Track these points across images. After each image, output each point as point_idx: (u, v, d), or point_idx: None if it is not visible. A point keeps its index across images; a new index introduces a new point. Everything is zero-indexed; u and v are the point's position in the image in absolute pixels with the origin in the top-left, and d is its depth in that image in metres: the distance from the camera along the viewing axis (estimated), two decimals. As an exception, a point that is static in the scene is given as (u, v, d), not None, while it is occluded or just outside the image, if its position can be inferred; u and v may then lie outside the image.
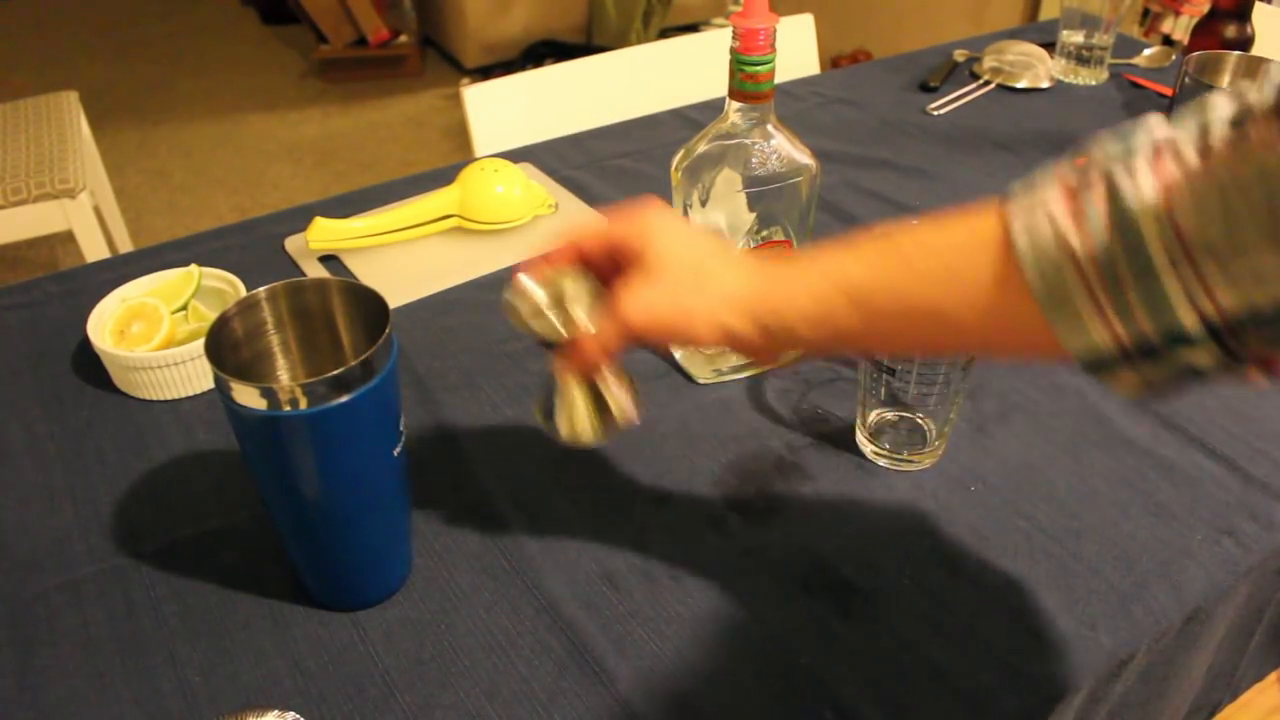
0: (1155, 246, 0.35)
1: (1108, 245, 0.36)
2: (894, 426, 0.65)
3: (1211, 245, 0.35)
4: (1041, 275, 0.38)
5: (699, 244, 0.49)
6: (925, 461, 0.65)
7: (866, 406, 0.65)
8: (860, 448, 0.66)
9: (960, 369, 0.60)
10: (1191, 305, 0.35)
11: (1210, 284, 0.35)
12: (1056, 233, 0.38)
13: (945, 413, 0.63)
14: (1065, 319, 0.38)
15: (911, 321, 0.44)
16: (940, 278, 0.42)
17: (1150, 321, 0.36)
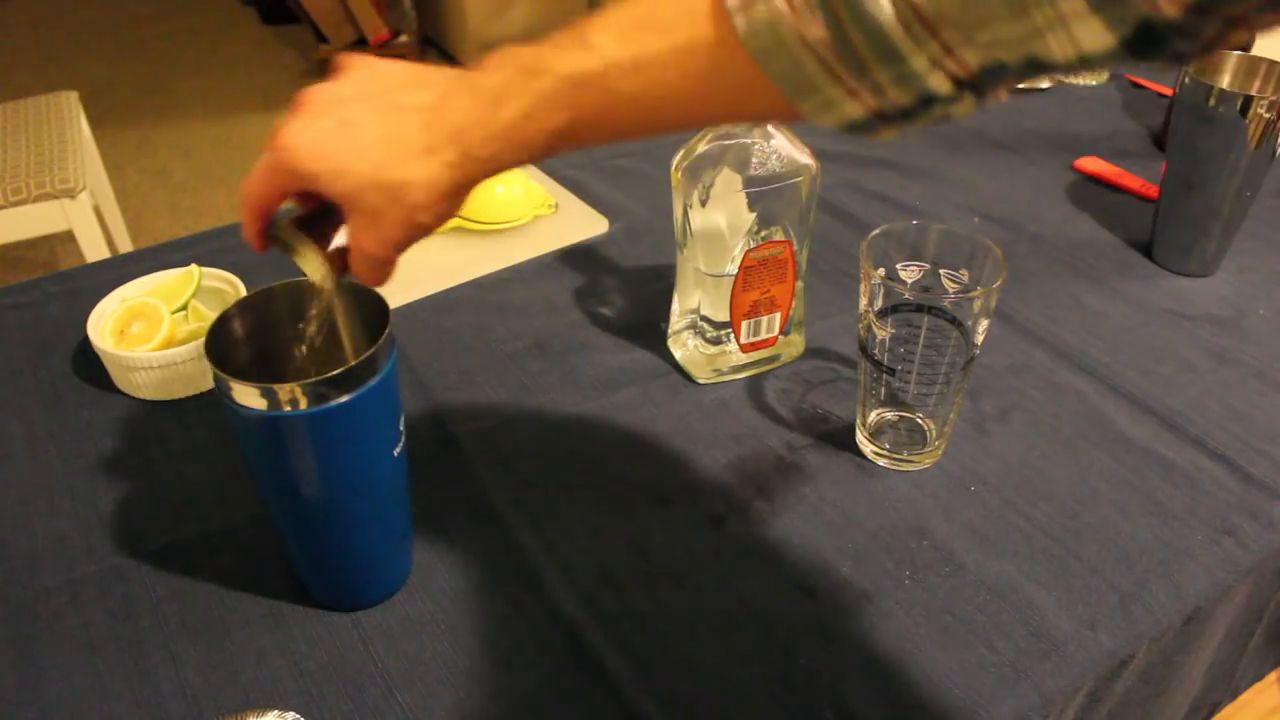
0: (896, 33, 0.35)
1: (846, 35, 0.35)
2: (894, 426, 0.65)
3: (950, 18, 0.34)
4: (782, 72, 0.37)
5: (371, 159, 0.43)
6: (925, 461, 0.65)
7: (866, 406, 0.65)
8: (860, 448, 0.66)
9: (960, 369, 0.60)
10: (942, 72, 0.35)
11: (956, 51, 0.35)
12: (790, 28, 0.36)
13: (945, 412, 0.63)
14: (814, 103, 0.38)
15: (651, 111, 0.42)
16: (655, 91, 0.40)
17: (903, 94, 0.36)
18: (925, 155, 1.04)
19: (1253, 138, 0.75)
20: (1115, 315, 0.79)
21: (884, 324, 0.59)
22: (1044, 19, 0.33)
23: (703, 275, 0.68)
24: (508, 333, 0.78)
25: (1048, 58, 0.34)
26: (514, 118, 0.42)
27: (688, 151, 0.65)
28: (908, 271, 0.62)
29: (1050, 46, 0.34)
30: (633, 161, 1.02)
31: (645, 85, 0.40)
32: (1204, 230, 0.82)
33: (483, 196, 0.86)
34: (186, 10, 3.93)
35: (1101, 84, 1.19)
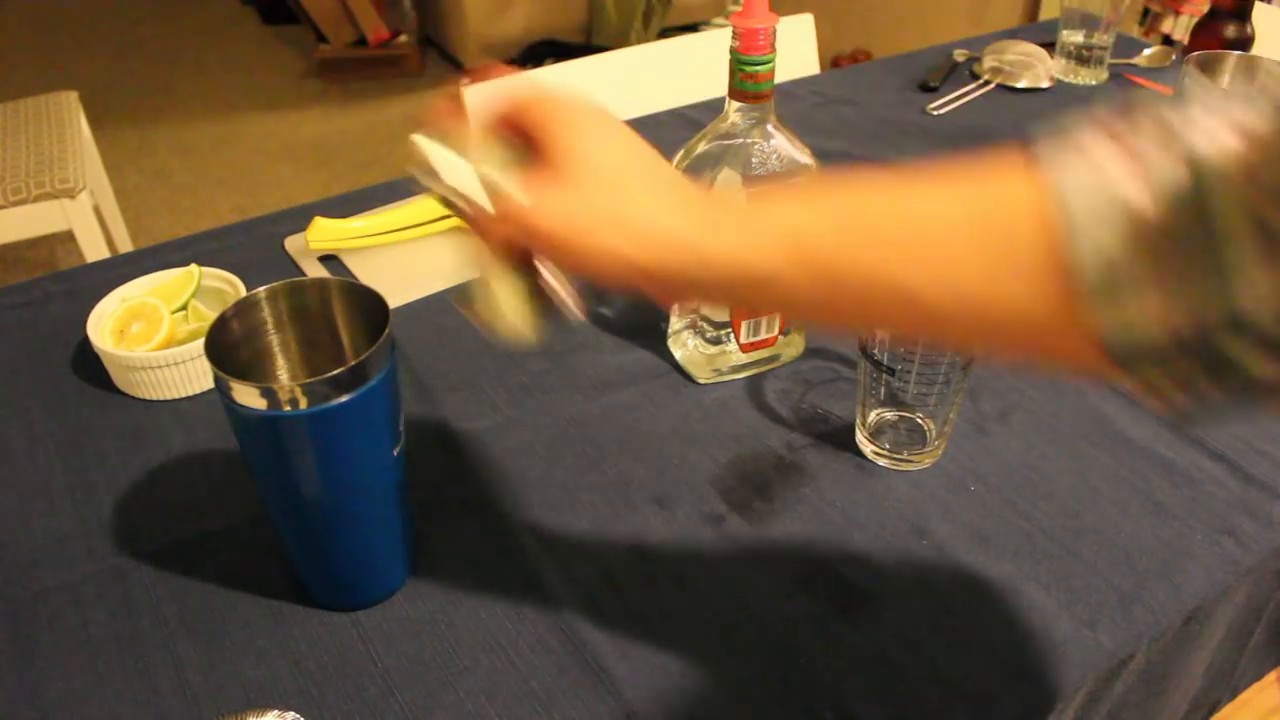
0: (1234, 213, 0.30)
1: (1177, 208, 0.31)
2: (894, 426, 0.65)
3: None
4: (1092, 242, 0.32)
5: (627, 154, 0.41)
6: (925, 461, 0.65)
7: (866, 406, 0.65)
8: (860, 448, 0.66)
9: (960, 369, 0.60)
10: (1262, 301, 0.30)
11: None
12: (1114, 193, 0.32)
13: (945, 412, 0.63)
14: (1102, 283, 0.32)
15: (876, 300, 0.37)
16: (920, 252, 0.36)
17: (1209, 304, 0.31)
18: (925, 155, 1.04)
19: (1253, 138, 0.75)
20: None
21: None
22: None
23: (703, 275, 0.68)
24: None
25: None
26: (762, 207, 0.40)
27: (688, 151, 0.65)
28: None
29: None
30: (633, 161, 1.02)
31: (917, 240, 0.36)
32: (1204, 230, 0.82)
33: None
34: (186, 10, 3.93)
35: (1101, 84, 1.19)
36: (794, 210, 0.39)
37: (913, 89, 1.19)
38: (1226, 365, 0.32)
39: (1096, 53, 1.18)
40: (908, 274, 0.36)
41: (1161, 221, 0.31)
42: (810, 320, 0.41)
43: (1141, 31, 2.18)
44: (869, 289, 0.37)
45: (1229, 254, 0.30)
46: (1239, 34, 0.97)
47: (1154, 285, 0.32)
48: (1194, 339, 0.31)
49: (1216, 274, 0.31)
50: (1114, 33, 1.17)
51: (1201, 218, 0.31)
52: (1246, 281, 0.30)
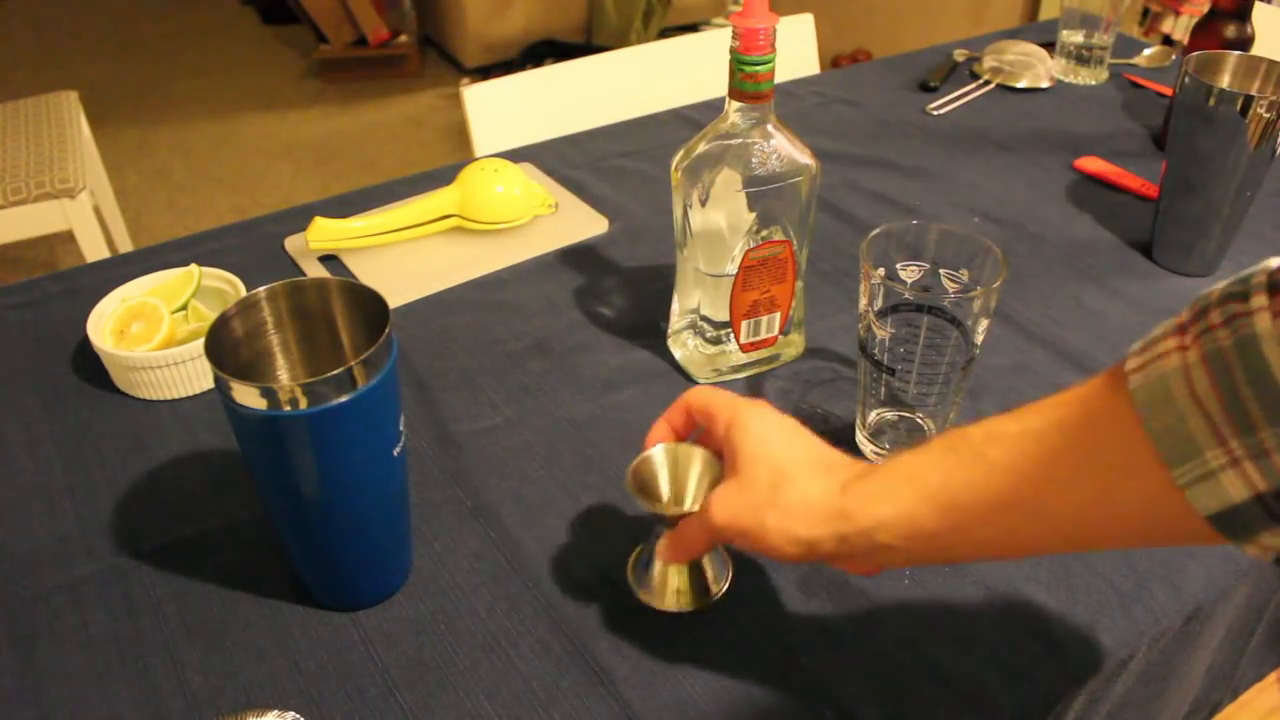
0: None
1: (1232, 380, 0.34)
2: (894, 426, 0.65)
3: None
4: (1164, 428, 0.35)
5: (784, 447, 0.48)
6: None
7: (866, 406, 0.65)
8: (860, 447, 0.66)
9: (960, 369, 0.60)
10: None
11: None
12: (1174, 375, 0.35)
13: (945, 412, 0.63)
14: (1191, 472, 0.35)
15: (1001, 517, 0.41)
16: (1023, 465, 0.40)
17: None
18: (925, 155, 1.04)
19: (1253, 138, 0.75)
20: (1115, 315, 0.79)
21: (884, 324, 0.59)
22: None
23: (703, 275, 0.68)
24: (508, 333, 0.78)
25: None
26: (903, 466, 0.44)
27: (687, 151, 0.65)
28: (908, 271, 0.62)
29: None
30: (633, 161, 1.02)
31: (1020, 452, 0.40)
32: (1204, 230, 0.82)
33: (482, 196, 0.86)
34: (186, 10, 3.93)
35: (1101, 84, 1.19)
36: (916, 460, 0.44)
37: (913, 89, 1.19)
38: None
39: (1096, 53, 1.18)
40: (1035, 499, 0.40)
41: (1222, 393, 0.34)
42: (955, 555, 0.47)
43: (1141, 31, 2.18)
44: (988, 505, 0.41)
45: (1277, 402, 0.32)
46: (1239, 34, 0.97)
47: (1229, 457, 0.34)
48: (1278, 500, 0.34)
49: (1275, 428, 0.33)
50: (1114, 33, 1.17)
51: (1259, 387, 0.33)
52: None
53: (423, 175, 0.97)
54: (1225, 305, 0.35)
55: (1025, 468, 0.40)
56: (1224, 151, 0.77)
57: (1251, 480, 0.34)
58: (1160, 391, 0.36)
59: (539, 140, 1.06)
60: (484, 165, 0.88)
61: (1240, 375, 0.34)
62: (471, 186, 0.86)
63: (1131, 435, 0.37)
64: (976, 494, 0.41)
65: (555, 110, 1.20)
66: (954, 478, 0.42)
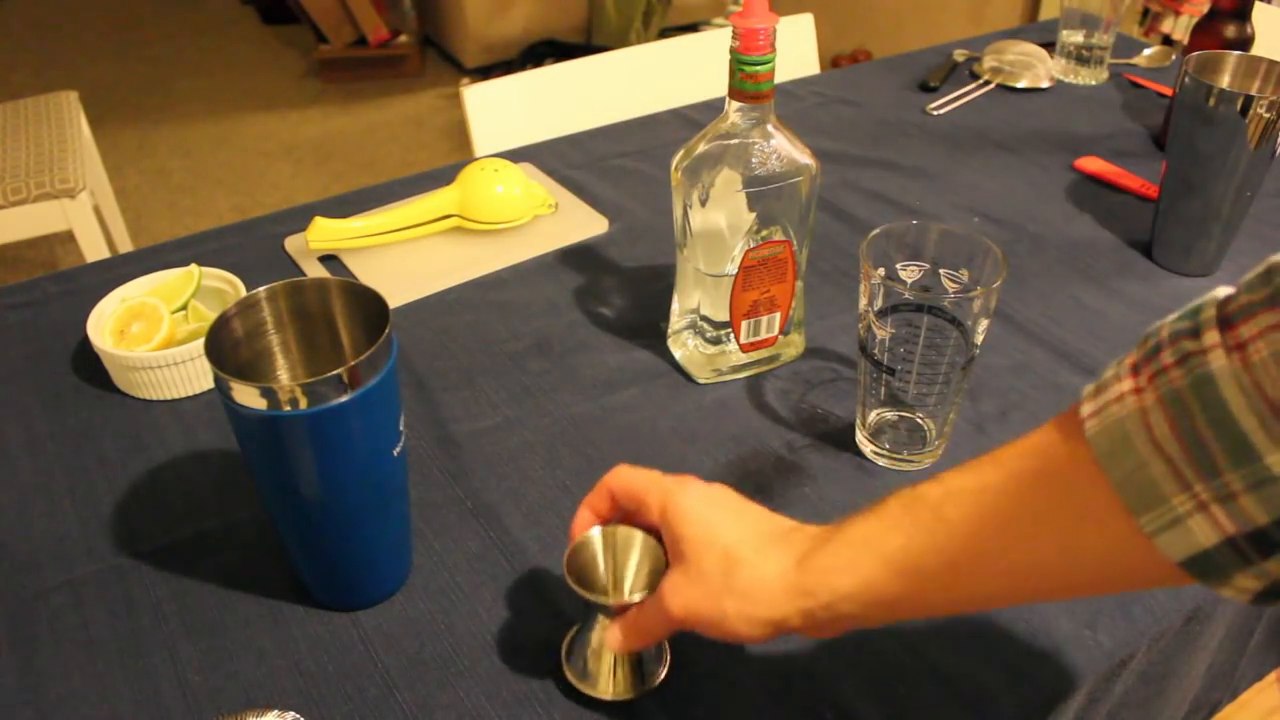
0: (1247, 420, 0.32)
1: (1191, 422, 0.33)
2: (894, 426, 0.65)
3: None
4: (1125, 476, 0.34)
5: (727, 526, 0.46)
6: (925, 461, 0.65)
7: (866, 406, 0.65)
8: (860, 447, 0.66)
9: (960, 369, 0.60)
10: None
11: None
12: (1131, 419, 0.34)
13: (945, 412, 0.63)
14: (1158, 520, 0.34)
15: (964, 577, 0.41)
16: (983, 523, 0.39)
17: (1258, 506, 0.32)
18: (925, 155, 1.04)
19: (1253, 138, 0.75)
20: (1115, 315, 0.79)
21: (884, 324, 0.59)
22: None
23: (703, 275, 0.68)
24: (508, 333, 0.78)
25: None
26: (859, 533, 0.43)
27: (688, 151, 0.65)
28: (908, 271, 0.62)
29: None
30: (633, 161, 1.02)
31: (979, 511, 0.39)
32: (1204, 230, 0.82)
33: (482, 196, 0.86)
34: (186, 10, 3.93)
35: (1101, 84, 1.19)
36: (869, 526, 0.43)
37: (913, 89, 1.19)
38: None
39: (1096, 53, 1.18)
40: (998, 556, 0.40)
41: (1182, 436, 0.33)
42: (918, 615, 0.47)
43: (1141, 31, 2.18)
44: (947, 564, 0.40)
45: (1266, 464, 0.31)
46: (1239, 34, 0.97)
47: (1195, 502, 0.33)
48: (1251, 544, 0.33)
49: (1257, 484, 0.32)
50: (1114, 33, 1.17)
51: (1221, 431, 0.32)
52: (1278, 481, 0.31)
53: (423, 175, 0.97)
54: (1177, 344, 0.35)
55: (985, 525, 0.39)
56: (1224, 151, 0.77)
57: (1220, 524, 0.33)
58: (1119, 438, 0.35)
59: (539, 140, 1.06)
60: (484, 165, 0.88)
61: (1200, 417, 0.33)
62: (471, 186, 0.86)
63: (1093, 484, 0.36)
64: (937, 556, 0.40)
65: (555, 110, 1.20)
66: (913, 541, 0.41)
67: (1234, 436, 0.32)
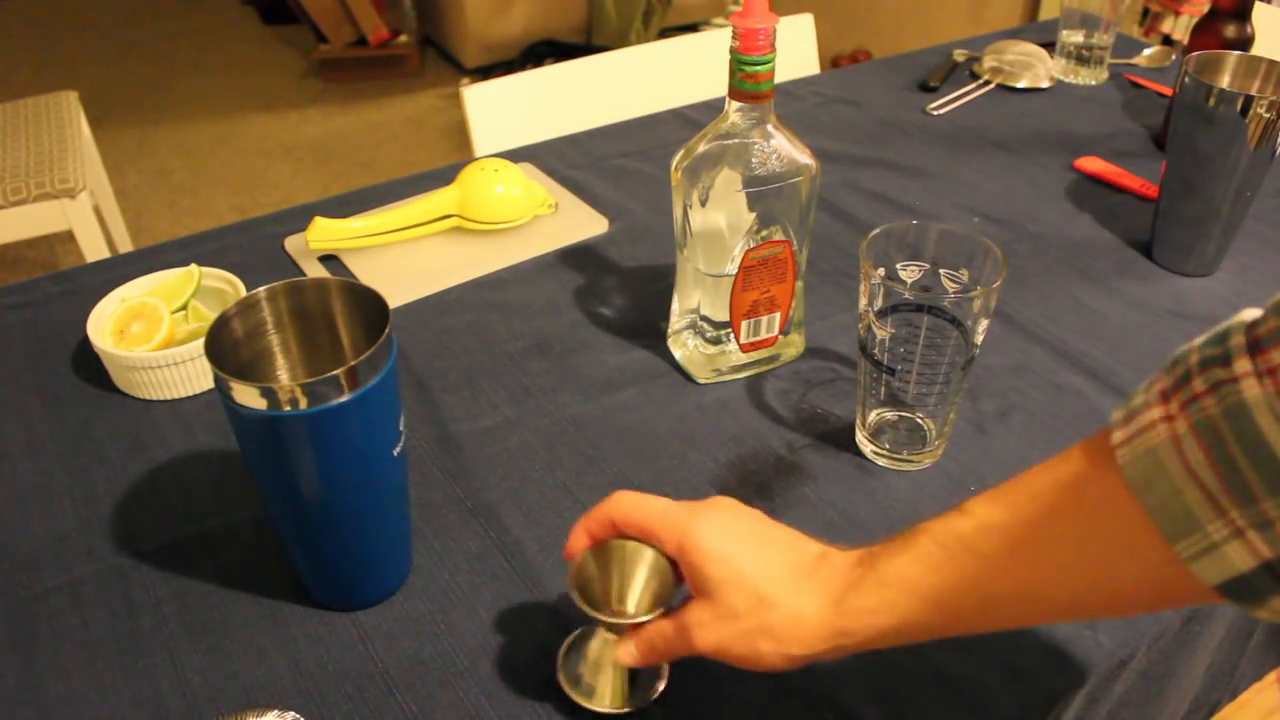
0: (1272, 427, 0.32)
1: (1229, 455, 0.33)
2: (894, 426, 0.65)
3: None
4: (1161, 503, 0.35)
5: (752, 563, 0.45)
6: (925, 461, 0.65)
7: (866, 406, 0.65)
8: (860, 447, 0.66)
9: (960, 369, 0.60)
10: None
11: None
12: (1165, 448, 0.35)
13: (945, 412, 0.63)
14: (1194, 546, 0.34)
15: (1001, 607, 0.41)
16: (1021, 557, 0.40)
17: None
18: (925, 155, 1.04)
19: (1253, 138, 0.75)
20: (1115, 315, 0.79)
21: (884, 324, 0.59)
22: None
23: (703, 275, 0.68)
24: (508, 333, 0.78)
25: None
26: (894, 572, 0.43)
27: (688, 151, 0.65)
28: (908, 271, 0.62)
29: None
30: (633, 161, 1.02)
31: (1014, 544, 0.40)
32: (1204, 230, 0.82)
33: (483, 196, 0.86)
34: (186, 10, 3.93)
35: (1101, 84, 1.19)
36: (902, 563, 0.43)
37: (913, 89, 1.19)
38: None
39: (1096, 53, 1.18)
40: (1035, 587, 0.40)
41: (1218, 465, 0.33)
42: (953, 635, 0.45)
43: (1141, 31, 2.18)
44: (987, 600, 0.41)
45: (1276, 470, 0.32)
46: (1239, 34, 0.97)
47: (1231, 528, 0.33)
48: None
49: (1277, 497, 0.32)
50: (1114, 33, 1.17)
51: (1255, 457, 0.32)
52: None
53: (423, 175, 0.97)
54: (1208, 371, 0.35)
55: (1021, 560, 0.40)
56: (1224, 151, 0.77)
57: (1257, 550, 0.33)
58: (1153, 466, 0.35)
59: (539, 140, 1.06)
60: (484, 165, 0.88)
61: (1235, 446, 0.33)
62: (471, 186, 0.86)
63: (1128, 513, 0.36)
64: (975, 592, 0.41)
65: (555, 110, 1.20)
66: (948, 578, 0.41)
67: (1270, 464, 0.32)
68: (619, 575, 0.49)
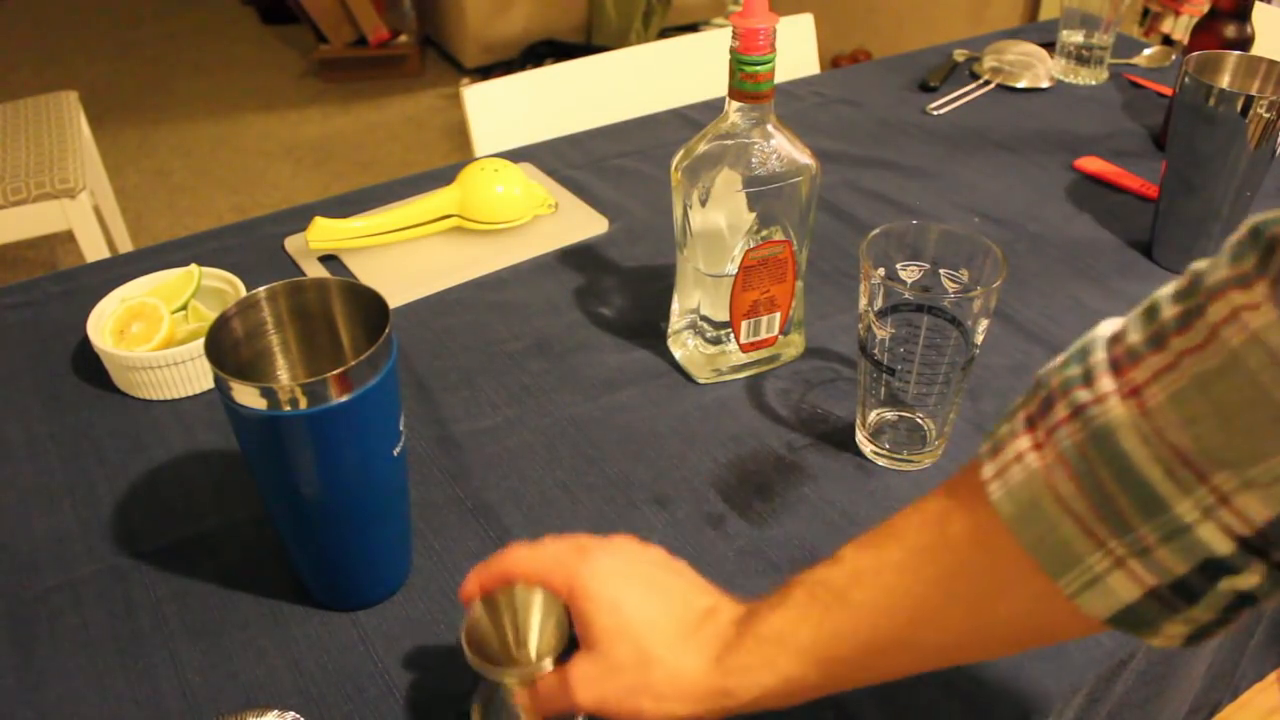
0: (1155, 474, 0.31)
1: (1099, 482, 0.32)
2: (894, 426, 0.65)
3: (1215, 454, 0.30)
4: (1037, 538, 0.33)
5: (639, 614, 0.43)
6: (925, 461, 0.65)
7: (866, 406, 0.65)
8: (860, 447, 0.66)
9: (960, 369, 0.60)
10: (1216, 525, 0.30)
11: (1232, 499, 0.30)
12: (1035, 480, 0.33)
13: (945, 412, 0.63)
14: (1077, 580, 0.33)
15: (881, 658, 0.40)
16: (892, 603, 0.38)
17: (1175, 556, 0.31)
18: (925, 155, 1.04)
19: (1253, 138, 0.75)
20: (1115, 315, 0.79)
21: (884, 324, 0.59)
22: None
23: (703, 275, 0.68)
24: (508, 333, 0.78)
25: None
26: (772, 628, 0.41)
27: (688, 151, 0.65)
28: (907, 271, 0.62)
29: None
30: (633, 161, 1.02)
31: (884, 590, 0.38)
32: (1204, 230, 0.82)
33: (482, 196, 0.86)
34: (186, 10, 3.93)
35: (1101, 84, 1.19)
36: (781, 619, 0.41)
37: (913, 89, 1.19)
38: (1212, 595, 0.32)
39: (1096, 53, 1.18)
40: (912, 633, 0.38)
41: (1089, 494, 0.32)
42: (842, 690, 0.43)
43: (1141, 31, 2.18)
44: (867, 649, 0.39)
45: (1175, 513, 0.31)
46: (1239, 34, 0.97)
47: (1112, 559, 0.32)
48: (1174, 593, 0.32)
49: (1170, 534, 0.31)
50: (1114, 33, 1.17)
51: (1127, 484, 0.31)
52: (1212, 534, 0.30)
53: (423, 175, 0.97)
54: (1069, 394, 0.33)
55: (895, 607, 0.38)
56: (1224, 151, 0.77)
57: (1140, 578, 0.32)
58: (1025, 500, 0.34)
59: (539, 140, 1.06)
60: (484, 165, 0.88)
61: (1104, 472, 0.32)
62: (471, 186, 0.86)
63: (1004, 549, 0.35)
64: (851, 642, 0.39)
65: (555, 110, 1.20)
66: (823, 630, 0.40)
67: (1141, 488, 0.31)
68: (513, 624, 0.47)
